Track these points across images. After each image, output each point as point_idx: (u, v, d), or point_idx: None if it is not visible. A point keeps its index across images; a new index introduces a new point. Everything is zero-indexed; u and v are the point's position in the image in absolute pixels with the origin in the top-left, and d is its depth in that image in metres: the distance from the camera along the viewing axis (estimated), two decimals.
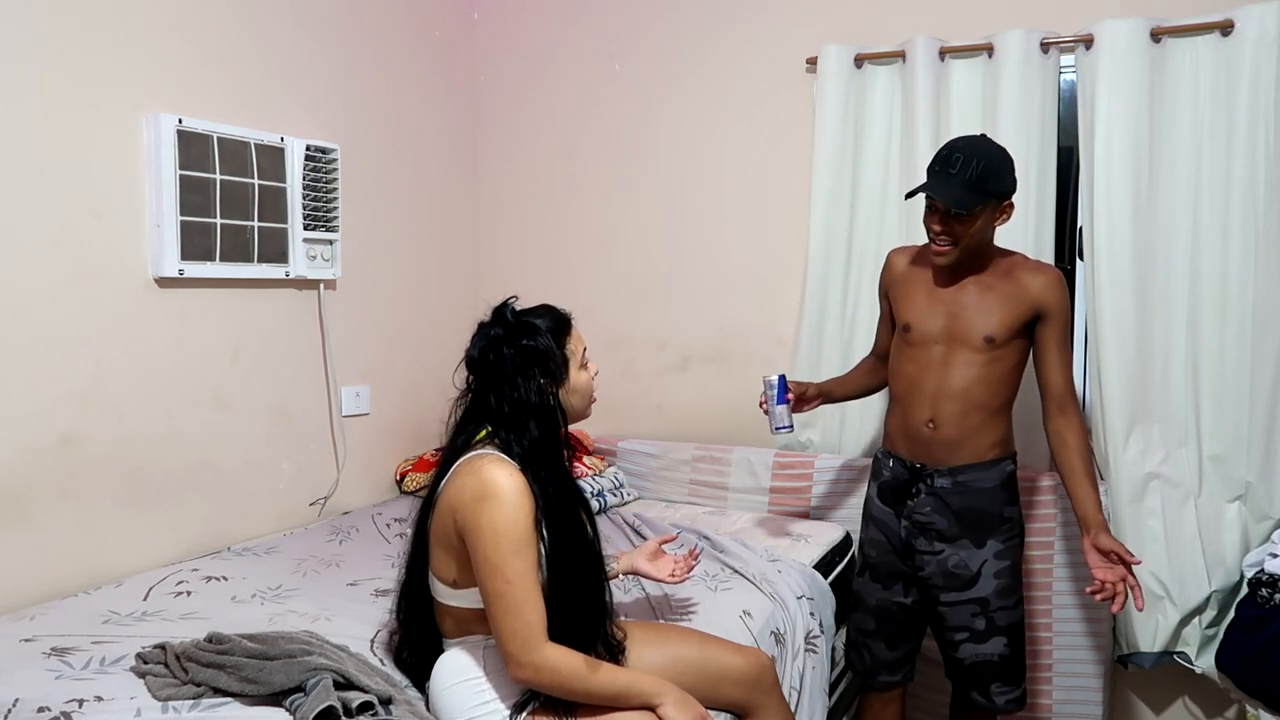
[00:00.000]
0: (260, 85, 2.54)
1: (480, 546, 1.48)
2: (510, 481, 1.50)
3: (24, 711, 1.47)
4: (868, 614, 2.28)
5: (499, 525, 1.47)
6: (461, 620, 1.60)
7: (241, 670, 1.52)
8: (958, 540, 2.13)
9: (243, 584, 2.14)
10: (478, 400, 1.63)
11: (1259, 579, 2.31)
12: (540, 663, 1.48)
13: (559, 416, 1.62)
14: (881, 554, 2.23)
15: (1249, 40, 2.38)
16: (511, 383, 1.58)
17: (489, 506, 1.48)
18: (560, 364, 1.62)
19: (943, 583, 2.15)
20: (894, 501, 2.21)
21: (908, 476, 2.17)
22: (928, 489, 2.14)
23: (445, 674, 1.60)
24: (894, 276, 2.25)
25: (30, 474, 2.03)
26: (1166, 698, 2.69)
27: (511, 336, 1.59)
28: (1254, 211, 2.41)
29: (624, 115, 3.22)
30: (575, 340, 1.67)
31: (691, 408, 3.19)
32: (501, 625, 1.48)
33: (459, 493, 1.52)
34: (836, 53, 2.79)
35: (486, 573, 1.48)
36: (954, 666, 2.23)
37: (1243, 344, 2.45)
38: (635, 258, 3.23)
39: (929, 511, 2.14)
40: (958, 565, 2.13)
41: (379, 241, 2.96)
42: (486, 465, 1.52)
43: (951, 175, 1.98)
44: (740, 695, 1.81)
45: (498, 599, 1.47)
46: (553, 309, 1.67)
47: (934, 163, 2.03)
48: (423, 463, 3.03)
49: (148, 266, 2.25)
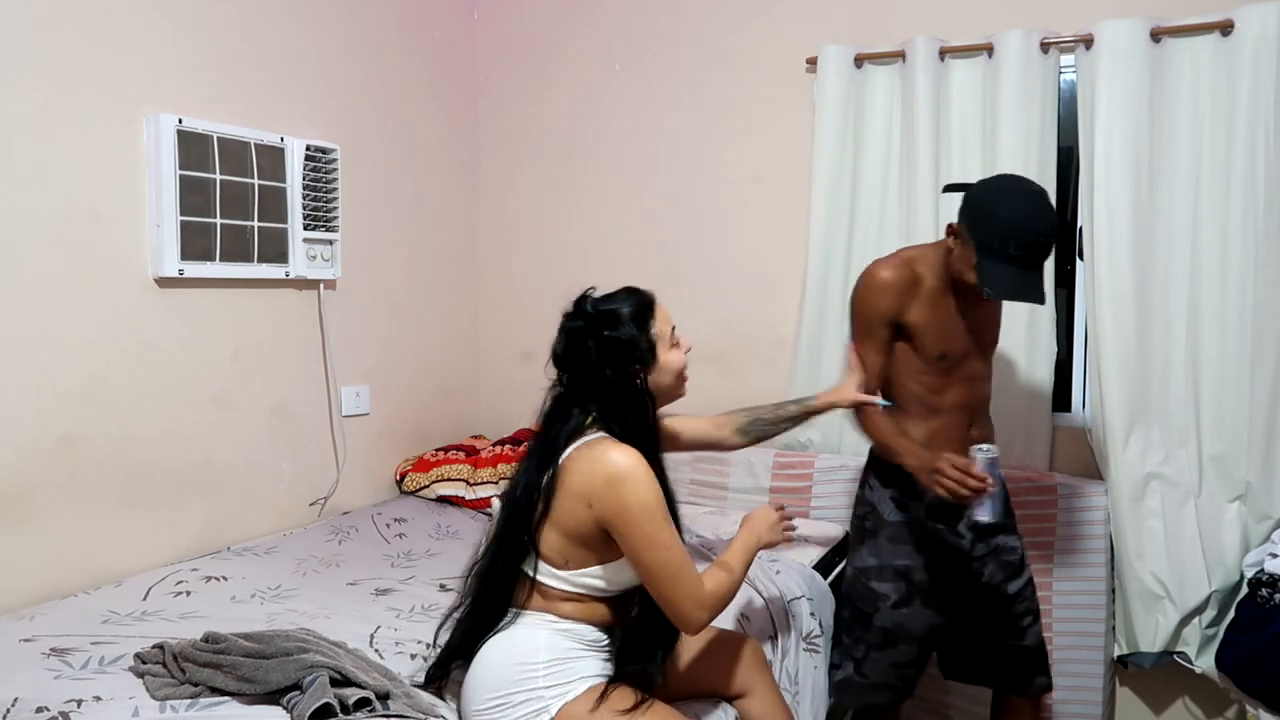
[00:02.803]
0: (260, 85, 2.54)
1: (634, 524, 1.51)
2: (633, 460, 1.53)
3: (23, 711, 1.48)
4: (913, 644, 2.12)
5: (645, 499, 1.51)
6: (549, 598, 1.60)
7: (238, 669, 1.52)
8: (1005, 530, 2.14)
9: (242, 584, 2.14)
10: (571, 391, 1.64)
11: (1259, 579, 2.31)
12: (712, 603, 1.57)
13: (647, 401, 1.64)
14: (938, 576, 2.11)
15: (1249, 40, 2.38)
16: (599, 374, 1.60)
17: (628, 487, 1.51)
18: (647, 349, 1.63)
19: (1003, 575, 2.13)
20: (946, 515, 2.08)
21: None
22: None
23: (504, 649, 1.57)
24: (906, 305, 2.04)
25: (30, 474, 2.03)
26: (1166, 698, 2.69)
27: (593, 328, 1.61)
28: (1254, 211, 2.41)
29: (624, 115, 3.22)
30: (661, 321, 1.67)
31: (692, 408, 3.18)
32: (673, 592, 1.53)
33: (588, 480, 1.54)
34: (836, 53, 2.79)
35: (645, 546, 1.52)
36: (1012, 658, 2.17)
37: (1243, 344, 2.45)
38: (635, 258, 3.23)
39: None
40: (1009, 554, 2.14)
41: (379, 241, 2.97)
42: (607, 450, 1.54)
43: (1040, 268, 1.91)
44: (729, 679, 1.82)
45: (664, 568, 1.52)
46: (634, 291, 1.68)
47: (1023, 250, 1.85)
48: (422, 463, 3.03)
49: (148, 266, 2.25)
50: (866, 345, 2.09)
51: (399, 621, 1.96)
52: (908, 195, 2.75)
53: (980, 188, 1.98)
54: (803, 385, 2.91)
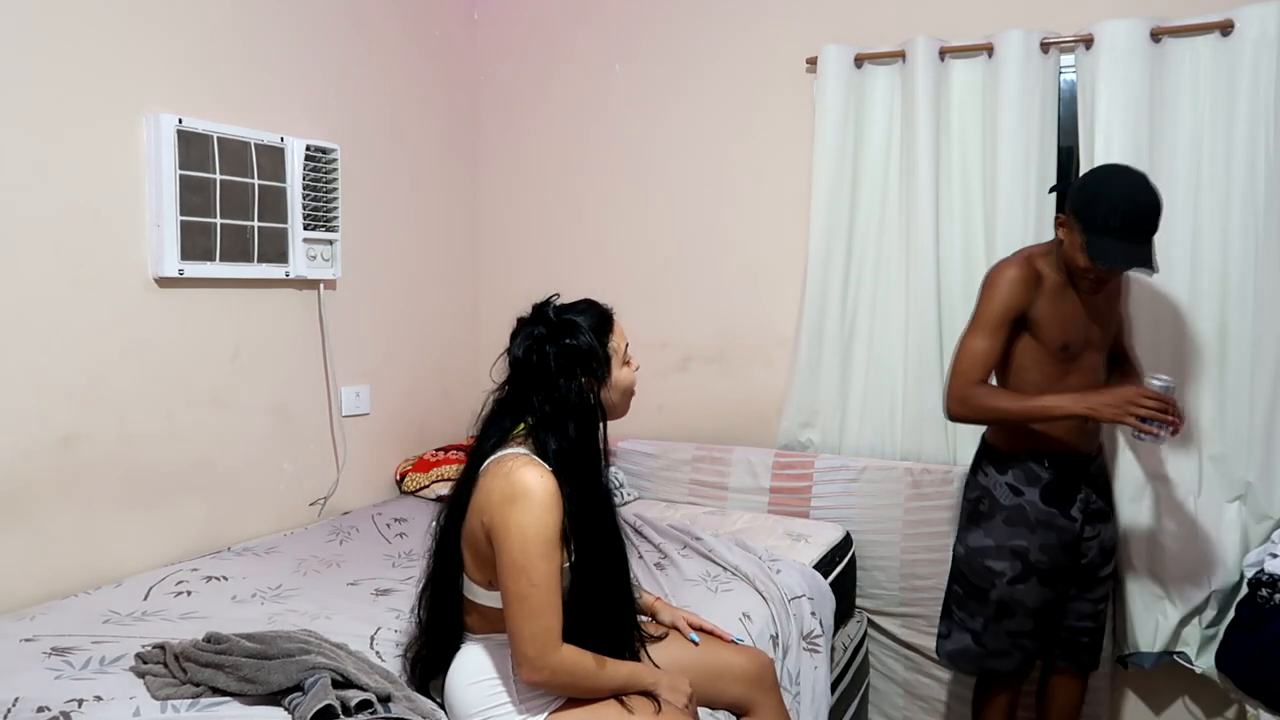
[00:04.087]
0: (260, 85, 2.54)
1: (507, 548, 1.47)
2: (541, 484, 1.48)
3: (24, 711, 1.47)
4: (1029, 617, 2.26)
5: (527, 527, 1.46)
6: (491, 619, 1.59)
7: (240, 670, 1.52)
8: (1109, 518, 2.35)
9: (243, 584, 2.14)
10: (514, 397, 1.61)
11: (1259, 579, 2.31)
12: (556, 665, 1.49)
13: (599, 415, 1.61)
14: (1052, 556, 2.22)
15: (1249, 40, 2.38)
16: (553, 383, 1.56)
17: (517, 508, 1.47)
18: (602, 362, 1.60)
19: (1100, 560, 2.32)
20: (1059, 500, 2.22)
21: (1073, 472, 2.24)
22: (1089, 477, 2.27)
23: (466, 670, 1.59)
24: (1032, 301, 2.15)
25: (30, 474, 2.03)
26: (1166, 698, 2.69)
27: (554, 335, 1.57)
28: (1254, 211, 2.41)
29: (624, 115, 3.22)
30: (618, 337, 1.66)
31: (691, 408, 3.19)
32: (521, 628, 1.47)
33: (487, 494, 1.51)
34: (836, 53, 2.79)
35: (511, 574, 1.47)
36: (1083, 639, 2.36)
37: (1243, 344, 2.45)
38: (635, 257, 3.23)
39: (1095, 499, 2.29)
40: (1108, 539, 2.34)
41: (379, 241, 2.96)
42: (517, 467, 1.50)
43: (1148, 240, 2.02)
44: (740, 692, 1.81)
45: (521, 601, 1.46)
46: (594, 304, 1.66)
47: (1125, 221, 1.99)
48: (422, 463, 3.03)
49: (148, 266, 2.25)
50: (987, 338, 2.18)
51: (400, 622, 1.96)
52: (908, 195, 2.76)
53: (1082, 179, 2.14)
54: (803, 385, 2.92)
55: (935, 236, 2.72)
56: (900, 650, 2.78)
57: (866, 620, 2.79)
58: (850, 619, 2.72)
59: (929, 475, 2.71)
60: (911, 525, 2.72)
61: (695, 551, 2.47)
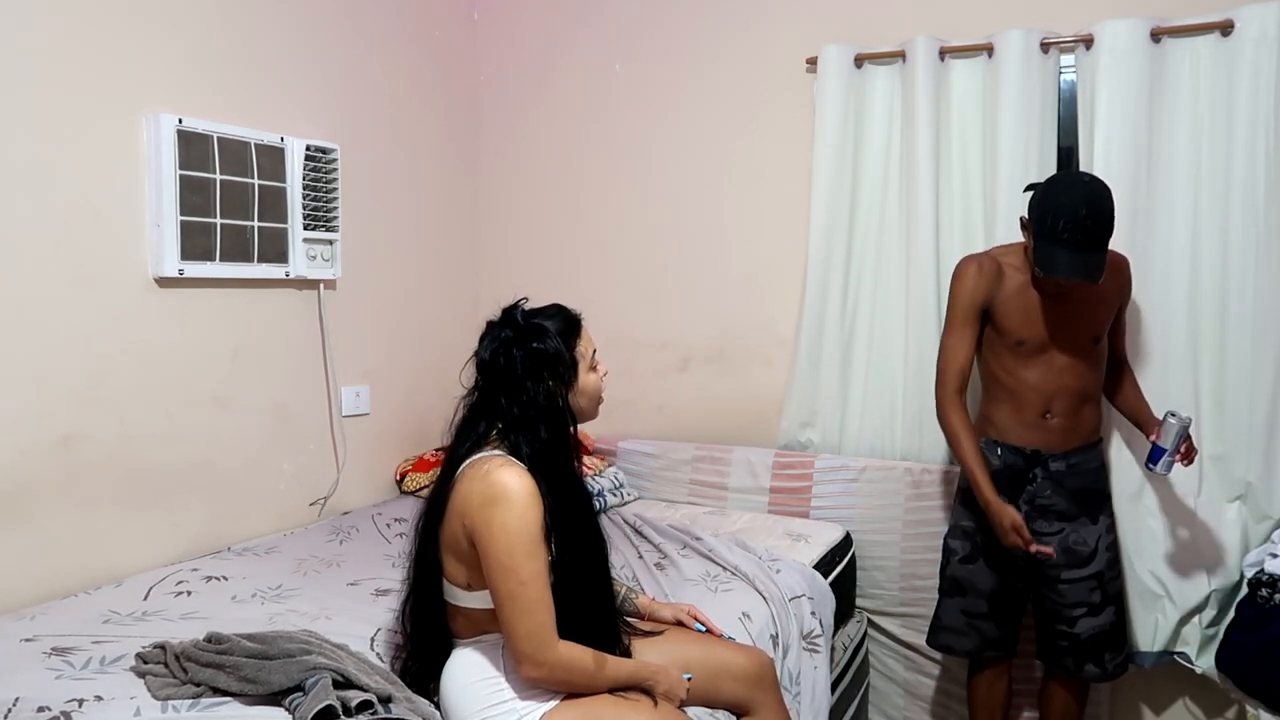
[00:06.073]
0: (260, 85, 2.54)
1: (492, 549, 1.48)
2: (520, 484, 1.50)
3: (24, 711, 1.47)
4: (979, 598, 2.35)
5: (511, 527, 1.48)
6: (476, 621, 1.60)
7: (240, 670, 1.52)
8: (1077, 519, 2.31)
9: (243, 584, 2.14)
10: (484, 400, 1.63)
11: (1259, 579, 2.31)
12: (554, 661, 1.51)
13: (568, 418, 1.62)
14: (992, 539, 2.26)
15: (1249, 40, 2.38)
16: (521, 386, 1.58)
17: (499, 509, 1.48)
18: (570, 366, 1.61)
19: (1064, 560, 2.28)
20: (1009, 489, 2.26)
21: (1023, 464, 2.28)
22: (1045, 473, 2.28)
23: (460, 672, 1.60)
24: (993, 294, 2.25)
25: (30, 474, 2.03)
26: (1166, 698, 2.69)
27: (521, 339, 1.59)
28: (1254, 211, 2.41)
29: (624, 115, 3.22)
30: (585, 342, 1.67)
31: (691, 408, 3.19)
32: (516, 626, 1.49)
33: (466, 498, 1.52)
34: (836, 53, 2.79)
35: (499, 575, 1.48)
36: (1062, 643, 2.34)
37: (1243, 344, 2.45)
38: (635, 258, 3.23)
39: (1050, 494, 2.29)
40: (1078, 542, 2.30)
41: (379, 241, 2.96)
42: (495, 468, 1.52)
43: (1095, 250, 2.05)
44: (740, 692, 1.82)
45: (511, 600, 1.48)
46: (562, 309, 1.67)
47: (1071, 231, 2.02)
48: (422, 463, 3.03)
49: (148, 266, 2.25)
50: (956, 332, 2.29)
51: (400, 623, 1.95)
52: (908, 195, 2.76)
53: (1041, 185, 2.19)
54: (802, 385, 2.92)
55: (935, 236, 2.72)
56: (900, 650, 2.78)
57: (866, 620, 2.79)
58: (850, 619, 2.73)
59: (929, 475, 2.72)
60: (911, 525, 2.72)
61: (695, 551, 2.47)
